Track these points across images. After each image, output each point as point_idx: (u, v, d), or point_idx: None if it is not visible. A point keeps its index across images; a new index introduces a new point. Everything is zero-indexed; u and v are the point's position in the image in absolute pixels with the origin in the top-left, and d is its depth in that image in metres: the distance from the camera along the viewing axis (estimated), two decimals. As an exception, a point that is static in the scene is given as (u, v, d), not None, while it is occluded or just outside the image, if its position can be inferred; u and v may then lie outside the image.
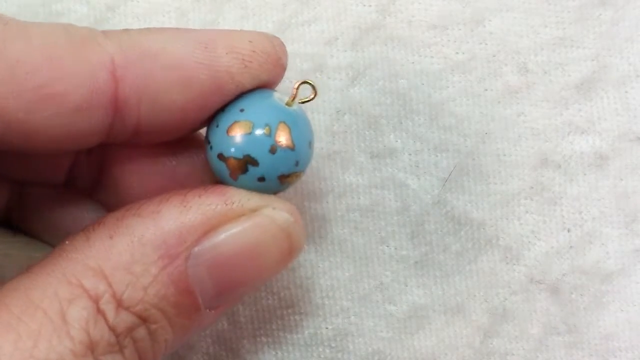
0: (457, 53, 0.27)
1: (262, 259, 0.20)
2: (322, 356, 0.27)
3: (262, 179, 0.20)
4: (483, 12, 0.27)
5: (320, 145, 0.26)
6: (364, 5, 0.27)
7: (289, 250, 0.21)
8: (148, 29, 0.20)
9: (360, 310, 0.27)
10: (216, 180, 0.21)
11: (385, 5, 0.27)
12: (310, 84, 0.21)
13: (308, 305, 0.27)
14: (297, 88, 0.21)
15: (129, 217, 0.19)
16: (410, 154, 0.27)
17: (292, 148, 0.20)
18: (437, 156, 0.27)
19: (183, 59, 0.20)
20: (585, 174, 0.27)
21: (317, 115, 0.27)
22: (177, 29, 0.21)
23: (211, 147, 0.20)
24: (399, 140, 0.27)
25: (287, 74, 0.26)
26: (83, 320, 0.18)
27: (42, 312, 0.18)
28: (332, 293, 0.27)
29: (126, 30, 0.20)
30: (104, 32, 0.20)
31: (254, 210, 0.20)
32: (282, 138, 0.20)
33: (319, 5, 0.27)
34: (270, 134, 0.20)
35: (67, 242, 0.19)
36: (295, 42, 0.27)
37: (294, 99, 0.21)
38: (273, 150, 0.20)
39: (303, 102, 0.21)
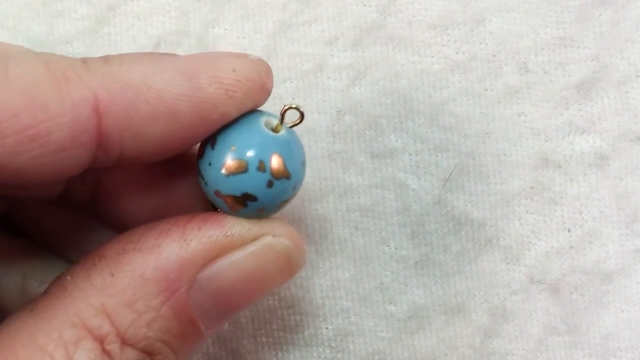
0: (457, 53, 0.27)
1: (263, 282, 0.20)
2: (322, 356, 0.27)
3: (261, 210, 0.20)
4: (483, 12, 0.27)
5: (320, 145, 0.26)
6: (364, 5, 0.27)
7: (289, 271, 0.21)
8: (129, 57, 0.20)
9: (361, 310, 0.27)
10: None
11: (386, 5, 0.27)
12: (296, 108, 0.21)
13: (308, 305, 0.27)
14: (283, 114, 0.20)
15: (129, 252, 0.19)
16: (410, 154, 0.27)
17: (288, 177, 0.20)
18: (437, 156, 0.27)
19: (166, 92, 0.19)
20: (585, 174, 0.27)
21: (318, 116, 0.27)
22: (159, 56, 0.20)
23: (206, 184, 0.20)
24: (399, 140, 0.27)
25: (288, 74, 0.27)
26: None
27: (48, 358, 0.18)
28: (333, 293, 0.27)
29: (107, 60, 0.19)
30: (84, 62, 0.19)
31: (253, 240, 0.20)
32: (278, 170, 0.20)
33: (320, 5, 0.27)
34: (266, 170, 0.20)
35: (68, 278, 0.19)
36: (296, 42, 0.27)
37: (281, 123, 0.21)
38: (270, 184, 0.20)
39: (291, 127, 0.21)
